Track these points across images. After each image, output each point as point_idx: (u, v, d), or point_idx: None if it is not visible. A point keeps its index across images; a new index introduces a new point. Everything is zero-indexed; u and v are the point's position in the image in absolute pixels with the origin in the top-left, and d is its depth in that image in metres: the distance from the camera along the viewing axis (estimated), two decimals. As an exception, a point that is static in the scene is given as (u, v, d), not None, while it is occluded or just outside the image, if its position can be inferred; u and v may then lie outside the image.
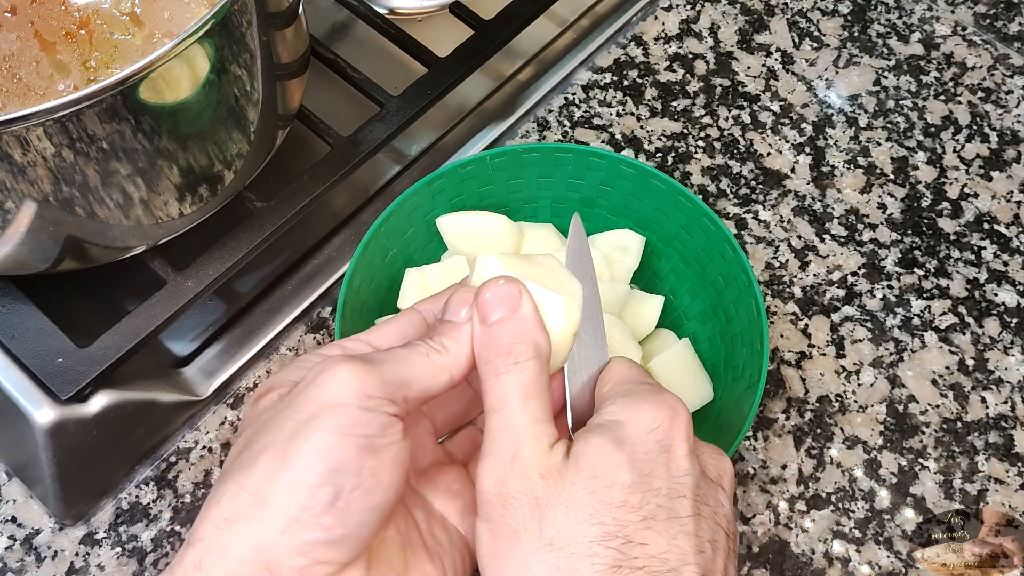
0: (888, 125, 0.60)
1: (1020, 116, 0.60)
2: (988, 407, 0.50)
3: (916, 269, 0.54)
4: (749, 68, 0.62)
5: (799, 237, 0.55)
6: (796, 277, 0.54)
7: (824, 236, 0.55)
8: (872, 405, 0.50)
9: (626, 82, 0.61)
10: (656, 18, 0.64)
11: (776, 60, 0.62)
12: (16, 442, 0.45)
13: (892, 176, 0.58)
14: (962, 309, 0.53)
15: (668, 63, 0.62)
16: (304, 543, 0.27)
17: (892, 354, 0.51)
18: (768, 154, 0.58)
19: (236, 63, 0.41)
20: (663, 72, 0.61)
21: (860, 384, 0.50)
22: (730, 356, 0.45)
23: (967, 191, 0.57)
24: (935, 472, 0.48)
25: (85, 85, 0.42)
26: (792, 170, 0.58)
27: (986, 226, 0.56)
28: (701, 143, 0.58)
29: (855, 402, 0.50)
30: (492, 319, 0.30)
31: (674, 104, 0.60)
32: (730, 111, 0.60)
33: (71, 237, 0.42)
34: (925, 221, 0.56)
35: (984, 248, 0.55)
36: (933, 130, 0.60)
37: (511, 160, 0.48)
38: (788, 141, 0.59)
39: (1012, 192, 0.57)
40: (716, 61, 0.62)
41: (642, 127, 0.59)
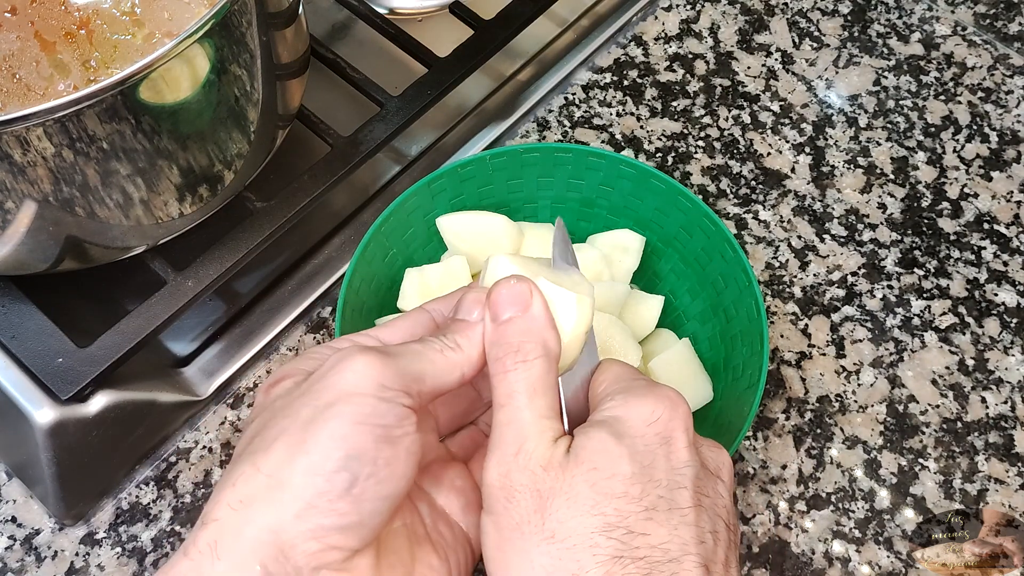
0: (888, 125, 0.60)
1: (1020, 116, 0.60)
2: (988, 407, 0.50)
3: (916, 269, 0.54)
4: (749, 68, 0.62)
5: (799, 237, 0.55)
6: (796, 277, 0.54)
7: (824, 236, 0.55)
8: (872, 405, 0.50)
9: (626, 82, 0.61)
10: (656, 18, 0.64)
11: (776, 60, 0.62)
12: (16, 442, 0.45)
13: (892, 176, 0.58)
14: (962, 309, 0.53)
15: (668, 63, 0.62)
16: (318, 527, 0.27)
17: (892, 354, 0.51)
18: (768, 154, 0.58)
19: (236, 63, 0.41)
20: (663, 72, 0.61)
21: (860, 384, 0.50)
22: (730, 356, 0.45)
23: (967, 191, 0.57)
24: (935, 472, 0.48)
25: (85, 85, 0.42)
26: (792, 170, 0.58)
27: (986, 226, 0.56)
28: (701, 143, 0.58)
29: (855, 402, 0.50)
30: (503, 317, 0.31)
31: (674, 104, 0.60)
32: (730, 111, 0.60)
33: (71, 237, 0.42)
34: (925, 221, 0.56)
35: (984, 248, 0.55)
36: (933, 130, 0.60)
37: (511, 160, 0.48)
38: (788, 141, 0.59)
39: (1012, 192, 0.57)
40: (716, 61, 0.62)
41: (642, 127, 0.59)
